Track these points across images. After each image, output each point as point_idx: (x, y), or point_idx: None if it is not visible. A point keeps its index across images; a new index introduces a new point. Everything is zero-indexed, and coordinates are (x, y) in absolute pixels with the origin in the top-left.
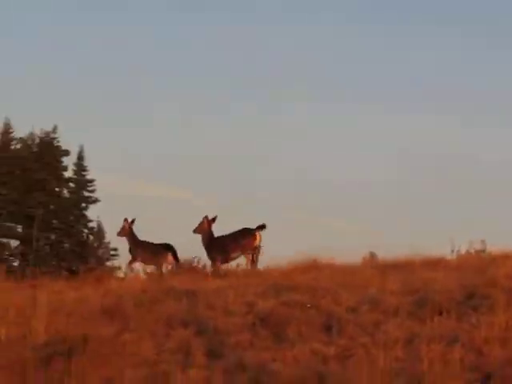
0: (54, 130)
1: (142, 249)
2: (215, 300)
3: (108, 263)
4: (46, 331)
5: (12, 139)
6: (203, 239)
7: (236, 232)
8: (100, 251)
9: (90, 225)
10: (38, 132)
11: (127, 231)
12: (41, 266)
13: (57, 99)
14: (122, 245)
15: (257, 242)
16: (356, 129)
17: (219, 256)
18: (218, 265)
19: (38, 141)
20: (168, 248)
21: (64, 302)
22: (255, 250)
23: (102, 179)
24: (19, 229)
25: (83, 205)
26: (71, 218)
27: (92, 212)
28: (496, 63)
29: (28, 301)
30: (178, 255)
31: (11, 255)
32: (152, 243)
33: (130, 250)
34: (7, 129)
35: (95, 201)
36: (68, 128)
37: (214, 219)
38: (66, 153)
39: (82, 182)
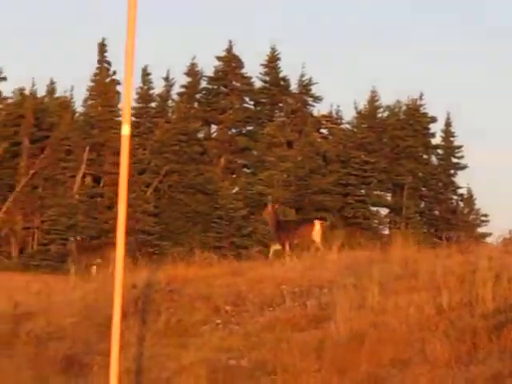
0: (421, 97)
1: None
2: None
3: (478, 230)
4: (493, 298)
5: (379, 107)
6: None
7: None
8: (470, 217)
9: (460, 191)
10: (404, 99)
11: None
12: (411, 233)
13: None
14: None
15: (316, 230)
16: None
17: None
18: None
19: (404, 108)
20: None
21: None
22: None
23: (471, 145)
24: (388, 197)
25: (452, 171)
26: (440, 184)
27: (461, 178)
28: None
29: (465, 267)
30: None
31: (380, 223)
32: None
33: None
34: (373, 97)
35: (464, 167)
36: (435, 94)
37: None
38: (434, 119)
39: (451, 148)
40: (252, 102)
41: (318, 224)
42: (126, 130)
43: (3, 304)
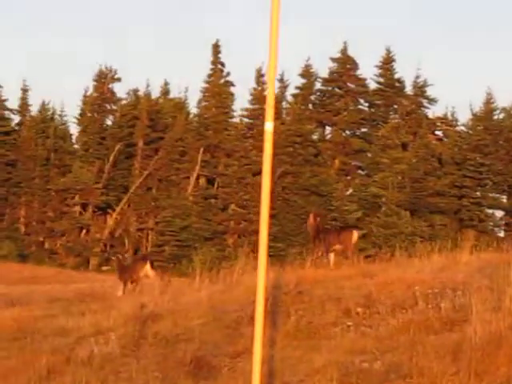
0: None
1: None
2: None
3: None
4: None
5: (494, 109)
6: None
7: (338, 228)
8: None
9: None
10: None
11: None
12: None
13: None
14: None
15: (354, 238)
16: None
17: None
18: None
19: None
20: None
21: None
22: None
23: None
24: (504, 199)
25: None
26: None
27: None
28: None
29: None
30: None
31: (495, 226)
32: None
33: None
34: (489, 98)
35: None
36: None
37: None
38: None
39: None
40: (366, 104)
41: (355, 233)
42: (269, 126)
43: (129, 305)
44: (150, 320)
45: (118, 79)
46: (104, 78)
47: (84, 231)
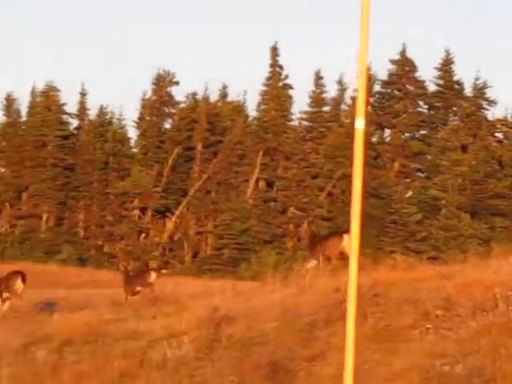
0: None
1: None
2: None
3: None
4: None
5: None
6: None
7: (327, 234)
8: None
9: None
10: None
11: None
12: None
13: None
14: None
15: (343, 243)
16: None
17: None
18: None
19: None
20: None
21: None
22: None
23: None
24: None
25: None
26: None
27: None
28: None
29: None
30: None
31: None
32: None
33: None
34: None
35: None
36: None
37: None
38: None
39: None
40: (426, 106)
41: (346, 236)
42: (360, 123)
43: (201, 308)
44: (223, 323)
45: (177, 82)
46: (162, 82)
47: (143, 235)
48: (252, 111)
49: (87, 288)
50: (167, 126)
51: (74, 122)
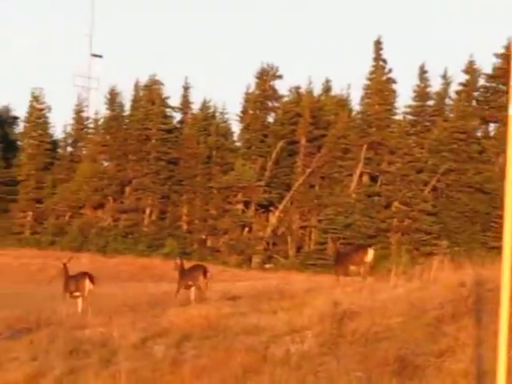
0: None
1: None
2: None
3: None
4: None
5: None
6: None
7: (352, 248)
8: None
9: None
10: None
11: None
12: None
13: None
14: None
15: (367, 256)
16: None
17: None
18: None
19: None
20: None
21: None
22: (366, 264)
23: None
24: None
25: None
26: None
27: None
28: None
29: None
30: None
31: None
32: None
33: None
34: None
35: None
36: None
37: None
38: None
39: None
40: None
41: (370, 250)
42: None
43: (322, 303)
44: (346, 318)
45: (280, 76)
46: (266, 76)
47: (246, 229)
48: (356, 105)
49: None
50: (270, 119)
51: (177, 116)
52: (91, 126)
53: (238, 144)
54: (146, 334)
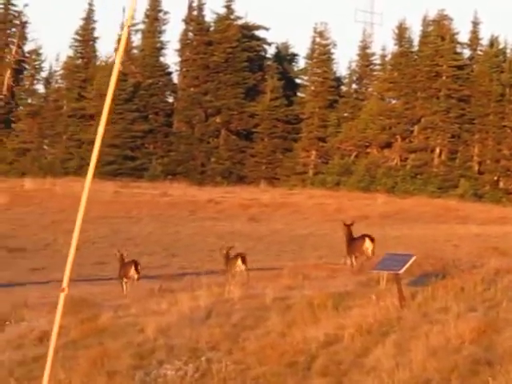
0: None
1: None
2: None
3: None
4: None
5: None
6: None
7: (358, 236)
8: None
9: None
10: None
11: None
12: None
13: None
14: None
15: (365, 245)
16: None
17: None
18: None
19: None
20: None
21: None
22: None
23: None
24: None
25: None
26: None
27: None
28: None
29: None
30: None
31: None
32: None
33: None
34: None
35: None
36: None
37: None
38: None
39: None
40: None
41: (368, 240)
42: None
43: None
44: None
45: None
46: None
47: None
48: None
49: (499, 225)
50: None
51: (467, 53)
52: (377, 62)
53: None
54: None
